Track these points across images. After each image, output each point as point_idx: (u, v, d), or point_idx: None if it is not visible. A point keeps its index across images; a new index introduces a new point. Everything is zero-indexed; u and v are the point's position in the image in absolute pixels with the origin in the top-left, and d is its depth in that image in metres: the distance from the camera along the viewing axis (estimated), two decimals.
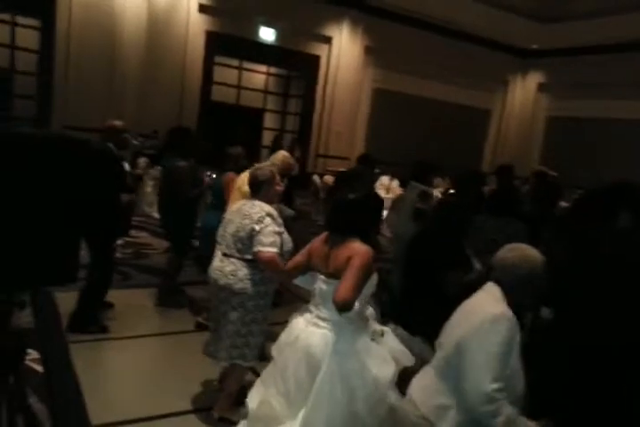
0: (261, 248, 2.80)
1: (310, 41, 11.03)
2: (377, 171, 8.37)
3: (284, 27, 10.49)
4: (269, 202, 3.03)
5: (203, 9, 9.61)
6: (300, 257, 2.59)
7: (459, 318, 2.18)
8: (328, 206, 3.95)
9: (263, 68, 11.57)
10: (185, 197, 4.37)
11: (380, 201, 4.23)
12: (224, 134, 9.34)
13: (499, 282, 2.10)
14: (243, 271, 2.89)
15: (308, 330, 2.41)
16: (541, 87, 14.04)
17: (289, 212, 4.54)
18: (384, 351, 2.39)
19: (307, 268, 2.55)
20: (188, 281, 4.77)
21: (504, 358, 1.94)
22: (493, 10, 11.70)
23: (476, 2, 11.39)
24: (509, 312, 2.00)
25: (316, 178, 8.28)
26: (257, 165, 3.24)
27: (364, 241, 2.43)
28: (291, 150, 10.45)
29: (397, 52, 11.79)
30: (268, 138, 10.54)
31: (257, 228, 2.83)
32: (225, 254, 2.96)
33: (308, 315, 2.46)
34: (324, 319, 2.40)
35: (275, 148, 9.38)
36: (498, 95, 14.25)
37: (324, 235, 2.53)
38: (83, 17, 8.41)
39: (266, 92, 11.66)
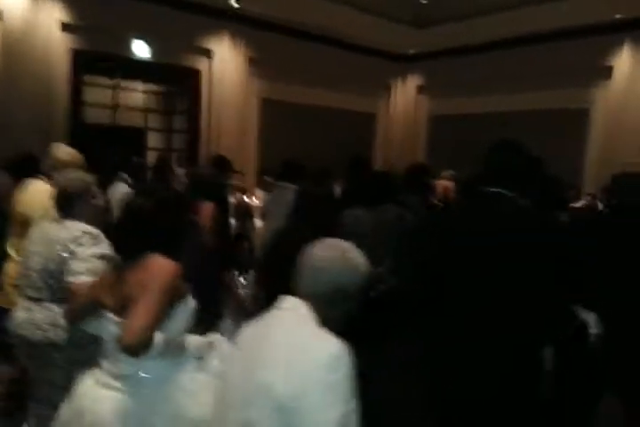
0: (72, 278, 2.15)
1: (188, 54, 10.57)
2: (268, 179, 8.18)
3: (159, 41, 9.96)
4: (88, 222, 2.42)
5: (66, 28, 8.83)
6: (89, 290, 1.93)
7: (251, 365, 1.45)
8: None
9: (141, 85, 10.93)
10: None
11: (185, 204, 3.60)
12: (100, 157, 8.66)
13: (304, 292, 1.54)
14: (48, 318, 2.24)
15: (95, 395, 1.76)
16: (421, 89, 14.59)
17: None
18: (208, 377, 1.84)
19: (96, 306, 1.92)
20: None
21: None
22: (369, 17, 11.92)
23: (352, 10, 11.54)
24: (339, 343, 1.45)
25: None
26: (62, 174, 2.56)
27: (173, 256, 1.88)
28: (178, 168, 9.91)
29: (281, 62, 11.65)
30: (153, 158, 9.95)
31: (68, 254, 2.21)
32: (32, 299, 2.29)
33: (97, 372, 1.83)
34: (117, 376, 1.78)
35: (160, 168, 8.85)
36: (381, 99, 14.62)
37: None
38: None
39: (146, 110, 11.03)
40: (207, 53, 10.72)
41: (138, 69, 9.99)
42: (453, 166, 9.10)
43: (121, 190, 3.99)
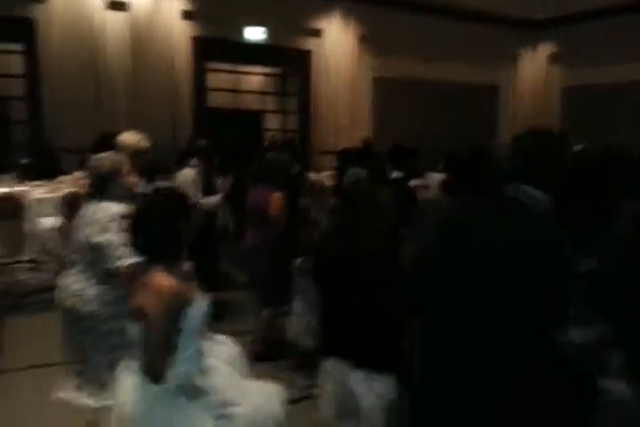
0: (115, 264, 2.31)
1: (299, 35, 10.74)
2: None
3: (272, 24, 10.26)
4: (121, 200, 2.49)
5: (186, 15, 9.48)
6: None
7: None
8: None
9: (258, 68, 11.38)
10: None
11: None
12: (223, 139, 9.22)
13: None
14: (91, 291, 2.40)
15: (130, 396, 1.87)
16: (553, 58, 13.36)
17: (212, 200, 4.39)
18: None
19: None
20: None
21: None
22: None
23: None
24: None
25: (310, 175, 8.11)
26: (96, 156, 2.63)
27: (171, 267, 1.86)
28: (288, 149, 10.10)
29: (395, 38, 11.37)
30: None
31: (102, 240, 2.33)
32: (77, 268, 2.47)
33: (135, 372, 1.90)
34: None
35: (270, 148, 9.17)
36: (507, 70, 13.63)
37: None
38: (63, 38, 8.40)
39: (263, 92, 11.48)
40: (317, 33, 10.82)
41: (253, 53, 10.39)
42: (592, 139, 8.17)
43: (186, 175, 4.20)
